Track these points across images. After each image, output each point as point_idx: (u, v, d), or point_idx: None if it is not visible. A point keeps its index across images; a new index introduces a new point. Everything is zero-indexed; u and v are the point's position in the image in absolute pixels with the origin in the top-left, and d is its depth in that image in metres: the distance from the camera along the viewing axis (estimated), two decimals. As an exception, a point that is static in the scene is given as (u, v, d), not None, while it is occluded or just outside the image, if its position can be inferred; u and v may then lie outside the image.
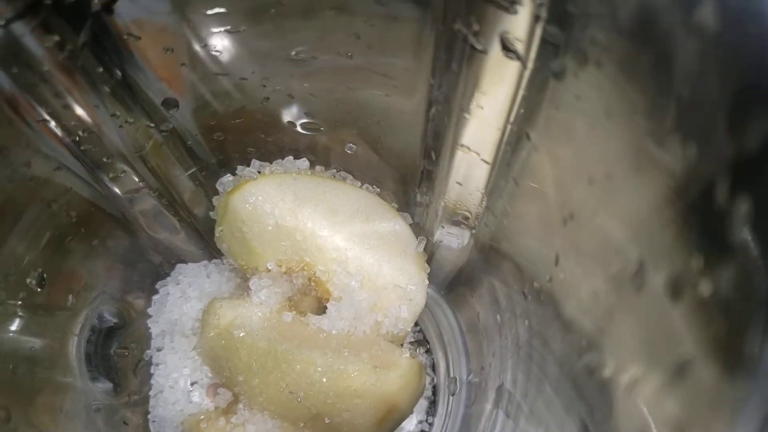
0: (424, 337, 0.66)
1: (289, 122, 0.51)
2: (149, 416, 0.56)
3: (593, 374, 0.30)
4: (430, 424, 0.64)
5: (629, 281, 0.27)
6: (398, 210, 0.56)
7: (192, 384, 0.57)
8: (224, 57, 0.44)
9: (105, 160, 0.45)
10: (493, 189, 0.45)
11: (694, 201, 0.23)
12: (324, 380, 0.48)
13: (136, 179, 0.49)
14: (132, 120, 0.44)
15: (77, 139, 0.43)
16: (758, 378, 0.17)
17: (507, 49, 0.34)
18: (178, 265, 0.60)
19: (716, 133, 0.22)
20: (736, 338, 0.19)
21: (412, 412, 0.55)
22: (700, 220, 0.22)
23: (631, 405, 0.25)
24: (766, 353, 0.17)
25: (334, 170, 0.55)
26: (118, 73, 0.41)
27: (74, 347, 0.49)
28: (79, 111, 0.41)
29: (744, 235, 0.19)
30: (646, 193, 0.27)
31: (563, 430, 0.35)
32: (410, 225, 0.55)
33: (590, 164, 0.32)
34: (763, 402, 0.17)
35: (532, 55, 0.34)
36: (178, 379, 0.57)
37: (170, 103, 0.46)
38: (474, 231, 0.51)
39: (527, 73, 0.35)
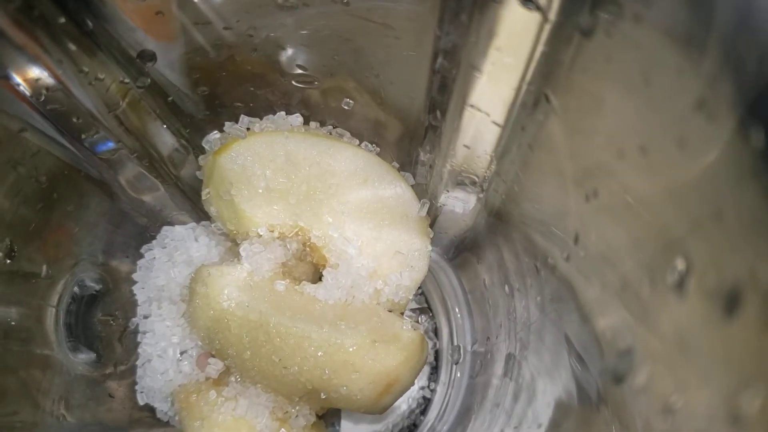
0: (426, 300, 0.63)
1: (280, 74, 0.46)
2: (136, 387, 0.53)
3: (621, 379, 0.26)
4: (432, 391, 0.61)
5: (669, 277, 0.23)
6: (399, 169, 0.51)
7: (181, 353, 0.54)
8: (205, 3, 0.39)
9: (75, 120, 0.41)
10: (503, 153, 0.41)
11: (757, 195, 0.18)
12: (319, 355, 0.45)
13: (112, 140, 0.44)
14: (102, 76, 0.40)
15: (42, 98, 0.38)
16: None
17: (525, -3, 0.29)
18: (165, 228, 0.56)
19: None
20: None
21: (413, 384, 0.52)
22: (764, 220, 0.18)
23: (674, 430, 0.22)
24: None
25: (330, 127, 0.51)
26: (85, 22, 0.36)
27: (52, 318, 0.46)
28: (39, 67, 0.36)
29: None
30: (692, 174, 0.23)
31: (582, 412, 0.33)
32: (412, 186, 0.51)
33: (621, 135, 0.27)
34: None
35: (555, 5, 0.29)
36: (166, 348, 0.54)
37: (147, 56, 0.41)
38: (481, 196, 0.47)
39: (548, 27, 0.30)
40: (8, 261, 0.41)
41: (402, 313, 0.55)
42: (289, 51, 0.44)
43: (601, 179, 0.30)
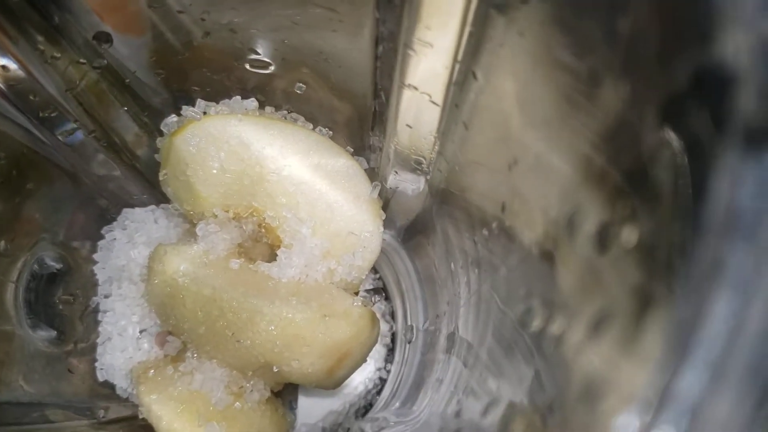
0: (383, 284, 0.65)
1: (234, 59, 0.48)
2: (96, 364, 0.55)
3: (527, 325, 0.29)
4: (388, 371, 0.63)
5: (564, 230, 0.26)
6: (353, 154, 0.53)
7: (141, 331, 0.56)
8: (158, -13, 0.41)
9: (33, 98, 0.42)
10: (444, 132, 0.43)
11: (624, 144, 0.21)
12: (271, 329, 0.47)
13: (70, 120, 0.46)
14: (59, 55, 0.42)
15: (-1, 75, 0.40)
16: (668, 331, 0.16)
17: (449, -21, 0.32)
18: (125, 210, 0.58)
19: (650, 72, 0.20)
20: (655, 290, 0.17)
21: (366, 361, 0.54)
22: (630, 163, 0.20)
23: (557, 356, 0.24)
24: (678, 305, 0.16)
25: (285, 111, 0.53)
26: (44, 6, 0.38)
27: (11, 293, 0.48)
28: (-5, 44, 0.38)
29: (668, 180, 0.18)
30: (583, 136, 0.25)
31: (514, 375, 0.34)
32: (366, 170, 0.53)
33: (533, 105, 0.30)
34: (670, 355, 0.16)
35: (476, -15, 0.31)
36: (126, 327, 0.55)
37: (102, 38, 0.43)
38: (428, 177, 0.50)
39: (473, 6, 0.32)
40: (-34, 235, 0.43)
41: (357, 293, 0.57)
42: (242, 36, 0.45)
43: (519, 149, 0.32)
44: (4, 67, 0.39)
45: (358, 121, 0.51)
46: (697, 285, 0.15)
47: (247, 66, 0.48)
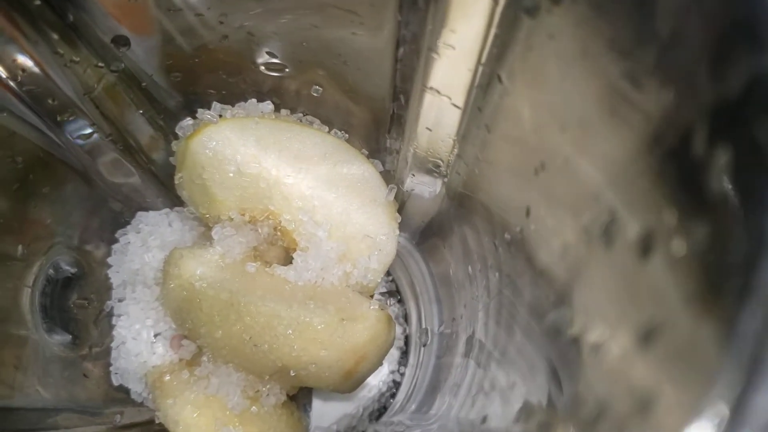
0: (397, 287, 0.65)
1: (251, 62, 0.48)
2: (111, 368, 0.55)
3: (561, 331, 0.28)
4: (402, 374, 0.63)
5: (600, 235, 0.25)
6: (368, 157, 0.53)
7: (155, 335, 0.55)
8: (177, -10, 0.40)
9: (51, 102, 0.42)
10: (464, 135, 0.43)
11: (671, 150, 0.20)
12: (289, 333, 0.47)
13: (87, 123, 0.46)
14: (78, 59, 0.41)
15: (19, 79, 0.40)
16: (733, 343, 0.16)
17: (477, -18, 0.31)
18: (139, 213, 0.58)
19: (696, 77, 0.19)
20: (710, 301, 0.17)
21: (382, 364, 0.54)
22: (676, 170, 0.20)
23: (599, 366, 0.24)
24: (742, 317, 0.15)
25: (300, 114, 0.52)
26: (61, 7, 0.38)
27: (27, 298, 0.47)
28: (16, 48, 0.38)
29: (722, 188, 0.17)
30: (620, 141, 0.24)
31: (535, 381, 0.34)
32: (381, 173, 0.53)
33: (563, 109, 0.29)
34: (740, 368, 0.16)
35: (504, -12, 0.31)
36: (140, 331, 0.55)
37: (120, 41, 0.43)
38: (446, 179, 0.49)
39: (499, 9, 0.32)
40: (-16, 240, 0.42)
41: (371, 296, 0.57)
42: (259, 38, 0.45)
43: (548, 152, 0.32)
44: (23, 69, 0.39)
45: (375, 124, 0.51)
46: (763, 299, 0.14)
47: (263, 69, 0.48)
